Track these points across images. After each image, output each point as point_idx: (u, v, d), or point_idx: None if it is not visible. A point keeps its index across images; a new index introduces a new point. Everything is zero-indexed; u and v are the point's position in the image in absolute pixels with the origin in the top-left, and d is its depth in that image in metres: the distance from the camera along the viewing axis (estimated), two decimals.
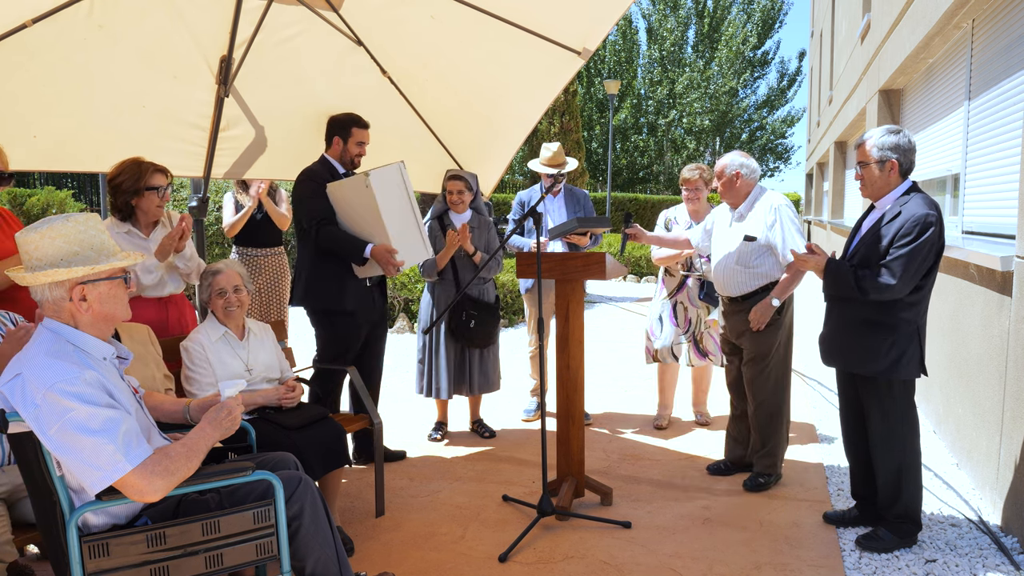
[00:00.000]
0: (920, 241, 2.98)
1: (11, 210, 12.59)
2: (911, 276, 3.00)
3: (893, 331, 3.10)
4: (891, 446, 3.18)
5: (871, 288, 3.04)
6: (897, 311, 3.09)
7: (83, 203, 17.72)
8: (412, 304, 8.84)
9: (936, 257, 3.05)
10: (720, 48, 32.71)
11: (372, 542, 3.33)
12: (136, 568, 2.05)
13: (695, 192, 4.69)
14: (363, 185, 3.65)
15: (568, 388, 3.69)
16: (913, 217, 3.01)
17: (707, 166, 4.66)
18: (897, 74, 6.64)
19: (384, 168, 3.76)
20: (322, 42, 4.31)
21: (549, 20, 4.26)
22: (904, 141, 3.12)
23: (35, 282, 2.01)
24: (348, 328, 4.00)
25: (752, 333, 3.81)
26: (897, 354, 3.10)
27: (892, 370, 3.11)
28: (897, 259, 3.00)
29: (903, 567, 3.05)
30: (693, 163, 4.71)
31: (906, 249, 2.98)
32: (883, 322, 3.11)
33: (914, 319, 3.11)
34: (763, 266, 3.77)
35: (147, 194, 3.39)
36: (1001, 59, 4.09)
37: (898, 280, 2.99)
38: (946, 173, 5.37)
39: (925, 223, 2.98)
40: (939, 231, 3.02)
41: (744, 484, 3.90)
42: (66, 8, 3.54)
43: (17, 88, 3.73)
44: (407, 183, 3.86)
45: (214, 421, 2.18)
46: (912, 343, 3.10)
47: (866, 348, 3.15)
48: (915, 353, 3.11)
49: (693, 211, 4.77)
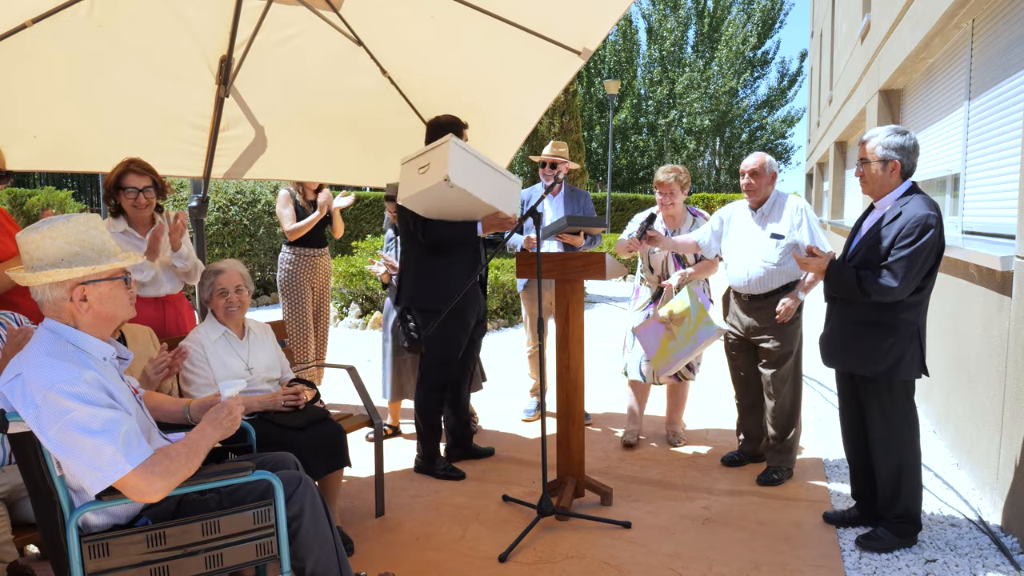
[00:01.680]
0: (921, 242, 2.98)
1: (11, 210, 12.61)
2: (913, 277, 3.00)
3: (893, 332, 3.10)
4: (891, 446, 3.18)
5: (873, 290, 3.05)
6: (897, 312, 3.09)
7: (83, 203, 17.71)
8: None
9: (936, 258, 3.06)
10: (720, 48, 32.74)
11: (372, 542, 3.33)
12: (136, 568, 2.05)
13: (670, 196, 4.36)
14: (447, 188, 3.53)
15: (568, 388, 3.69)
16: (914, 218, 3.01)
17: (683, 168, 4.43)
18: (897, 74, 6.64)
19: (447, 155, 3.52)
20: (322, 42, 4.31)
21: (549, 20, 4.26)
22: (909, 143, 3.13)
23: (36, 282, 2.01)
24: (458, 328, 4.03)
25: (777, 329, 3.89)
26: (898, 355, 3.10)
27: (893, 371, 3.11)
28: (899, 260, 3.00)
29: (903, 567, 3.05)
30: (668, 165, 4.47)
31: (908, 251, 2.99)
32: (883, 323, 3.11)
33: (914, 320, 3.11)
34: (787, 264, 3.84)
35: (121, 194, 3.40)
36: (1001, 59, 4.09)
37: (900, 282, 2.99)
38: (946, 173, 5.37)
39: (926, 224, 2.99)
40: (939, 232, 3.03)
41: (758, 479, 3.97)
42: (66, 8, 3.54)
43: (17, 87, 3.73)
44: (466, 147, 3.68)
45: (214, 421, 2.18)
46: (913, 343, 3.11)
47: (866, 349, 3.15)
48: (916, 353, 3.11)
49: (669, 217, 4.46)
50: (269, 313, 9.99)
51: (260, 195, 11.67)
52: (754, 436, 4.21)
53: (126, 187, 3.39)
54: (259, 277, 11.68)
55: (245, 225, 11.39)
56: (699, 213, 4.54)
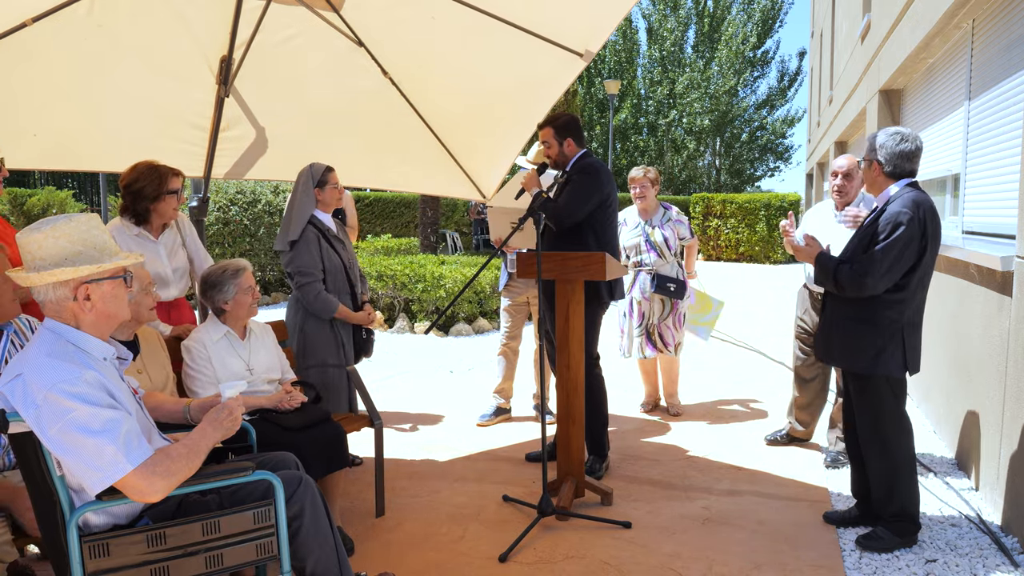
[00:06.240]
0: (892, 239, 3.01)
1: (11, 210, 12.59)
2: (883, 273, 3.03)
3: (875, 328, 3.14)
4: (880, 446, 3.20)
5: (846, 282, 3.11)
6: (880, 309, 3.13)
7: (83, 203, 17.70)
8: (412, 304, 8.84)
9: (918, 256, 3.07)
10: (720, 48, 32.72)
11: (372, 542, 3.33)
12: (136, 568, 2.05)
13: (644, 190, 5.08)
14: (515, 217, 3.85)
15: (568, 388, 3.69)
16: (888, 216, 3.06)
17: (652, 168, 5.20)
18: (897, 74, 6.63)
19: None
20: (323, 43, 4.31)
21: (551, 22, 4.26)
22: (896, 146, 3.15)
23: (40, 282, 2.00)
24: (599, 313, 4.10)
25: None
26: (877, 350, 3.13)
27: (872, 365, 3.14)
28: (869, 256, 3.07)
29: (903, 567, 3.05)
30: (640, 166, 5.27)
31: (878, 246, 3.05)
32: (866, 319, 3.16)
33: (898, 318, 3.13)
34: None
35: (167, 198, 3.44)
36: (1002, 59, 4.09)
37: (869, 276, 3.04)
38: (946, 173, 5.37)
39: (896, 222, 3.02)
40: (916, 231, 3.02)
41: (824, 461, 4.27)
42: (66, 7, 3.54)
43: (17, 87, 3.74)
44: None
45: (215, 421, 2.18)
46: (893, 341, 3.13)
47: (850, 345, 3.20)
48: (896, 351, 3.13)
49: (643, 209, 5.15)
50: (269, 313, 9.99)
51: (260, 195, 11.67)
52: None
53: (174, 191, 3.45)
54: (259, 277, 11.68)
55: (245, 225, 11.40)
56: (669, 207, 5.23)
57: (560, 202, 3.86)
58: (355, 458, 4.35)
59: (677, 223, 5.13)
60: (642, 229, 5.11)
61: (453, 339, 8.45)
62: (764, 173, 35.68)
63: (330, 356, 3.74)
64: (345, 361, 3.80)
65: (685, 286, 5.09)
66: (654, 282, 5.02)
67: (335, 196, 3.76)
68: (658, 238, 5.06)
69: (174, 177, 3.46)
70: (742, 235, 19.59)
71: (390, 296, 8.95)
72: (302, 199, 3.67)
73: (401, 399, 5.83)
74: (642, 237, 5.09)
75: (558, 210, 3.83)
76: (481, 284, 8.93)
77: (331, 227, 3.79)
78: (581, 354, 3.70)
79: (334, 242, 3.77)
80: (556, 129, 4.03)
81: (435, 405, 5.66)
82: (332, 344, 3.75)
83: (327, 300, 3.65)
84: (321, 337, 3.72)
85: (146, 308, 2.90)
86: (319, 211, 3.73)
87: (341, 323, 3.78)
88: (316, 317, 3.69)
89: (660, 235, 5.06)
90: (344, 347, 3.80)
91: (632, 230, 5.14)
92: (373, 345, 4.02)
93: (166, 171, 3.43)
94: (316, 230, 3.68)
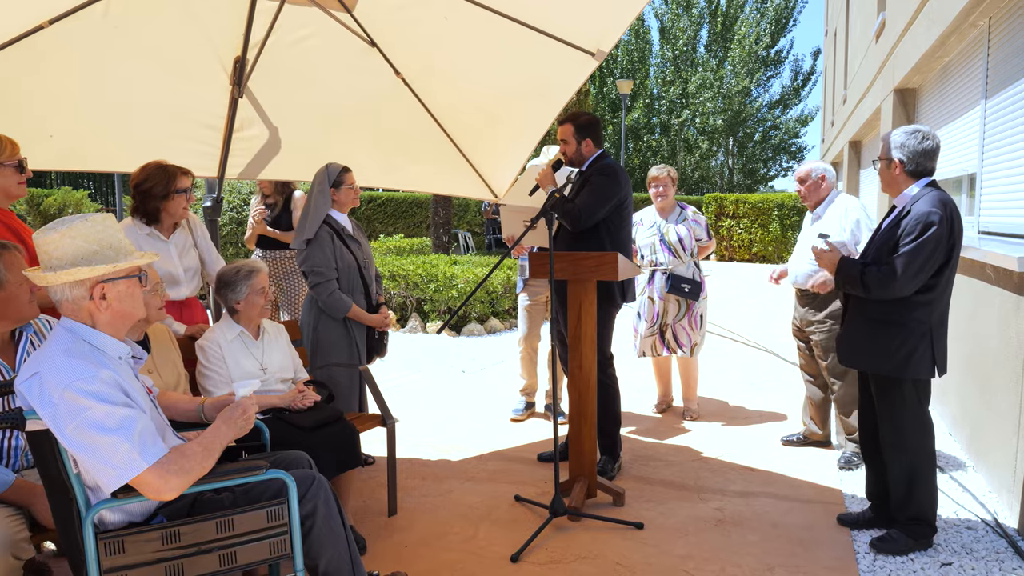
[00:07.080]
0: (922, 240, 2.98)
1: (28, 210, 12.72)
2: (913, 274, 3.00)
3: (903, 329, 3.09)
4: (902, 448, 3.17)
5: (873, 284, 3.07)
6: (908, 310, 3.09)
7: (99, 203, 17.83)
8: (424, 304, 8.86)
9: (946, 256, 3.04)
10: (733, 47, 32.57)
11: (384, 541, 3.34)
12: (151, 565, 2.07)
13: (665, 189, 5.08)
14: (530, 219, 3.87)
15: (580, 388, 3.69)
16: (917, 216, 3.02)
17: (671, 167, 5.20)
18: (912, 73, 6.58)
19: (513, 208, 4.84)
20: (336, 43, 4.32)
21: (563, 21, 4.25)
22: (918, 144, 3.12)
23: (57, 281, 2.02)
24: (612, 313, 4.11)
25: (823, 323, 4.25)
26: (907, 352, 3.09)
27: (902, 368, 3.10)
28: (899, 257, 3.02)
29: (918, 570, 3.03)
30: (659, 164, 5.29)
31: (907, 248, 3.01)
32: (894, 321, 3.11)
33: (926, 319, 3.09)
34: None
35: (176, 197, 3.46)
36: (1018, 57, 4.05)
37: (899, 278, 3.00)
38: (962, 173, 5.32)
39: (927, 222, 2.99)
40: (945, 230, 3.00)
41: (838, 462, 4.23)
42: (82, 9, 3.57)
43: (34, 88, 3.77)
44: None
45: (229, 420, 2.19)
46: (923, 342, 3.09)
47: (877, 347, 3.15)
48: (926, 352, 3.09)
49: (661, 208, 5.16)
50: None
51: None
52: None
53: (183, 189, 3.48)
54: None
55: None
56: (685, 206, 5.20)
57: (578, 202, 3.85)
58: (367, 457, 4.37)
59: (694, 223, 5.11)
60: (657, 229, 5.11)
61: (465, 339, 8.45)
62: (777, 173, 35.48)
63: (343, 356, 3.78)
64: (359, 361, 3.83)
65: (701, 287, 5.07)
66: (668, 282, 5.01)
67: (351, 196, 3.87)
68: (672, 237, 5.05)
69: (183, 176, 3.48)
70: (755, 235, 19.50)
71: (402, 296, 8.97)
72: (318, 199, 3.75)
73: (413, 399, 5.84)
74: (657, 236, 5.09)
75: (575, 211, 3.83)
76: (493, 284, 8.94)
77: (346, 226, 3.86)
78: (593, 354, 3.69)
79: (348, 241, 3.82)
80: (577, 128, 4.03)
81: (447, 405, 5.67)
82: (346, 344, 3.79)
83: (340, 299, 3.69)
84: (335, 336, 3.76)
85: (155, 308, 2.91)
86: (335, 211, 3.80)
87: (355, 323, 3.81)
88: (330, 317, 3.73)
89: (675, 234, 5.05)
90: (358, 347, 3.83)
91: (648, 229, 5.14)
92: (387, 345, 4.05)
93: (175, 170, 3.45)
94: (331, 229, 3.74)
